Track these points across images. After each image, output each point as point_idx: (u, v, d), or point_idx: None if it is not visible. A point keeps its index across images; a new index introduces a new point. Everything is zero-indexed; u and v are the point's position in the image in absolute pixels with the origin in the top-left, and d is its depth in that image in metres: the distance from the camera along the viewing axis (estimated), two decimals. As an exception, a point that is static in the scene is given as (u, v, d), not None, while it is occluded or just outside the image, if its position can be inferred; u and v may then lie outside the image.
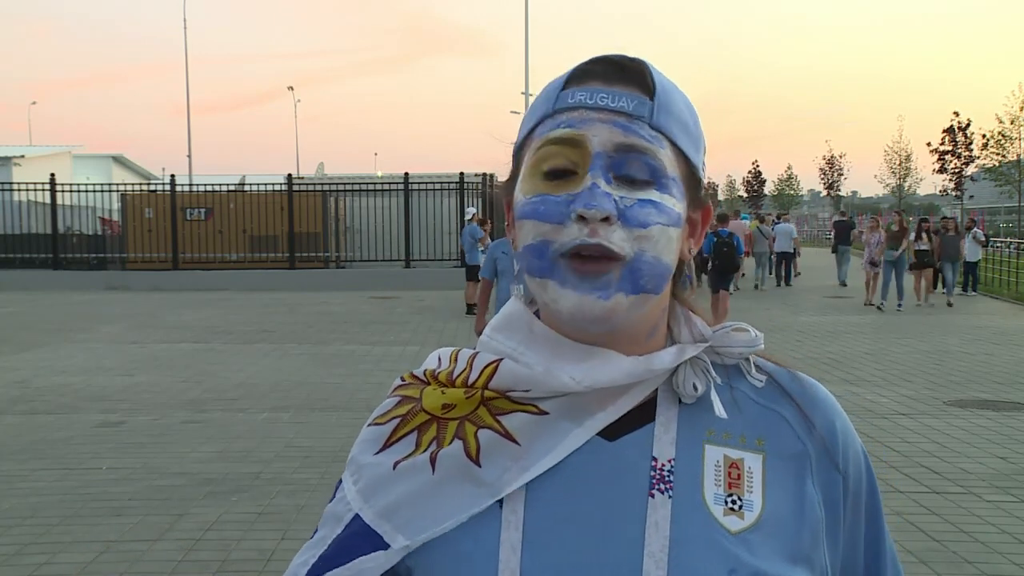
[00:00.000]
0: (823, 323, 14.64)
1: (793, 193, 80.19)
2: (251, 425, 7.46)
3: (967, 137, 47.37)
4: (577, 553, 0.80)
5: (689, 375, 0.86)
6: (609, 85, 0.84)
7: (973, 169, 47.14)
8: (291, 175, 23.75)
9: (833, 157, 67.99)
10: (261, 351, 11.58)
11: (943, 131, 48.21)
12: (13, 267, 22.68)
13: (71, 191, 23.87)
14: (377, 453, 0.89)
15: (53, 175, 23.37)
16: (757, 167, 79.86)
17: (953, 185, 48.42)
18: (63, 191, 23.47)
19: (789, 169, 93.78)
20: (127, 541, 4.80)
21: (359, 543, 0.86)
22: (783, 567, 0.81)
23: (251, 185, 24.42)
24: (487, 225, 16.28)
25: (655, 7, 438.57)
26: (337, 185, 23.99)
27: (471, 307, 15.03)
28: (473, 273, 14.62)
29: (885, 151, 75.31)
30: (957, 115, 48.16)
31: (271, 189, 23.18)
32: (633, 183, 0.82)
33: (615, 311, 0.81)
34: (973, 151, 46.67)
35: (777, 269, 22.83)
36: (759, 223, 24.17)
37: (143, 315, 16.04)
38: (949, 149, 47.84)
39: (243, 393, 8.82)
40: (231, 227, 22.63)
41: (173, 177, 23.40)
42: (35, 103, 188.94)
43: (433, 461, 0.85)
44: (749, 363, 0.89)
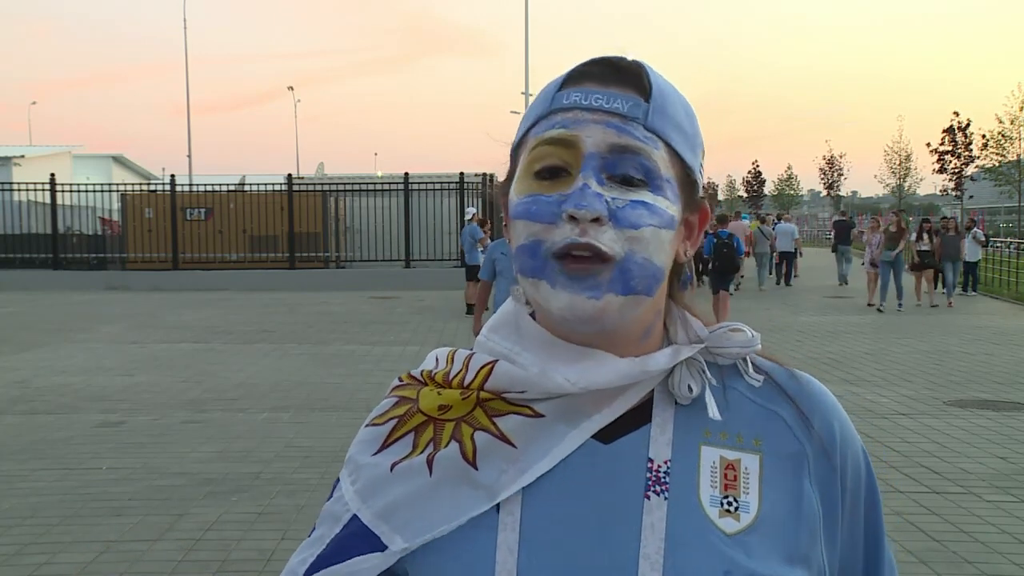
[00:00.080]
0: (823, 323, 14.64)
1: (793, 193, 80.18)
2: (251, 425, 7.46)
3: (967, 137, 47.37)
4: (573, 555, 0.80)
5: (685, 376, 0.85)
6: (605, 86, 0.84)
7: (973, 169, 47.14)
8: (291, 175, 23.76)
9: (833, 157, 68.11)
10: (261, 351, 11.58)
11: (943, 131, 48.24)
12: (13, 267, 22.68)
13: (71, 191, 23.87)
14: (375, 454, 0.89)
15: (53, 175, 23.38)
16: (757, 167, 79.97)
17: (953, 185, 48.41)
18: (63, 191, 23.47)
19: (789, 169, 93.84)
20: (127, 541, 4.80)
21: (357, 543, 0.86)
22: (780, 568, 0.81)
23: (251, 185, 24.42)
24: (487, 225, 16.29)
25: (655, 7, 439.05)
26: (337, 185, 23.99)
27: (471, 307, 15.02)
28: (473, 273, 14.62)
29: (885, 151, 75.41)
30: (957, 115, 48.22)
31: (271, 189, 23.18)
32: (626, 184, 0.82)
33: (606, 311, 0.81)
34: (973, 151, 46.68)
35: (778, 268, 22.85)
36: (760, 223, 24.19)
37: (143, 315, 16.04)
38: (949, 149, 47.84)
39: (243, 393, 8.82)
40: (231, 227, 22.64)
41: (173, 177, 23.40)
42: (35, 103, 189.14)
43: (430, 463, 0.85)
44: (746, 363, 0.89)
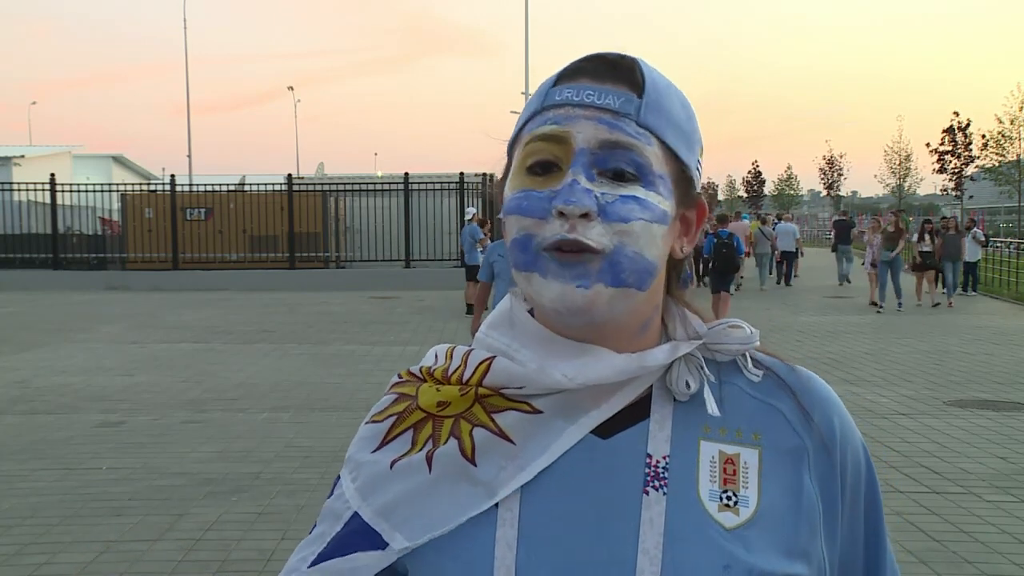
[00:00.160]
0: (823, 323, 14.64)
1: (793, 193, 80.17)
2: (251, 425, 7.46)
3: (967, 137, 47.36)
4: (572, 550, 0.80)
5: (683, 372, 0.86)
6: (599, 82, 0.84)
7: (973, 169, 47.13)
8: (291, 175, 23.76)
9: (833, 157, 68.09)
10: (261, 351, 11.58)
11: (943, 131, 48.22)
12: (13, 267, 22.68)
13: (71, 191, 23.87)
14: (374, 451, 0.90)
15: (53, 175, 23.37)
16: (757, 167, 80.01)
17: (953, 185, 48.40)
18: (63, 191, 23.47)
19: (789, 169, 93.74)
20: (127, 541, 4.80)
21: (358, 541, 0.86)
22: (779, 562, 0.81)
23: (251, 185, 24.42)
24: (487, 225, 16.28)
25: (655, 7, 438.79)
26: (337, 185, 24.00)
27: (471, 307, 15.02)
28: (473, 273, 14.60)
29: (885, 151, 75.54)
30: (957, 115, 48.19)
31: (271, 189, 23.18)
32: (617, 179, 0.82)
33: (595, 302, 0.81)
34: (973, 151, 46.67)
35: (779, 268, 22.86)
36: (760, 224, 24.20)
37: (143, 315, 16.04)
38: (949, 149, 47.83)
39: (243, 393, 8.82)
40: (231, 227, 22.64)
41: (173, 177, 23.40)
42: (35, 103, 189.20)
43: (429, 460, 0.85)
44: (746, 358, 0.89)
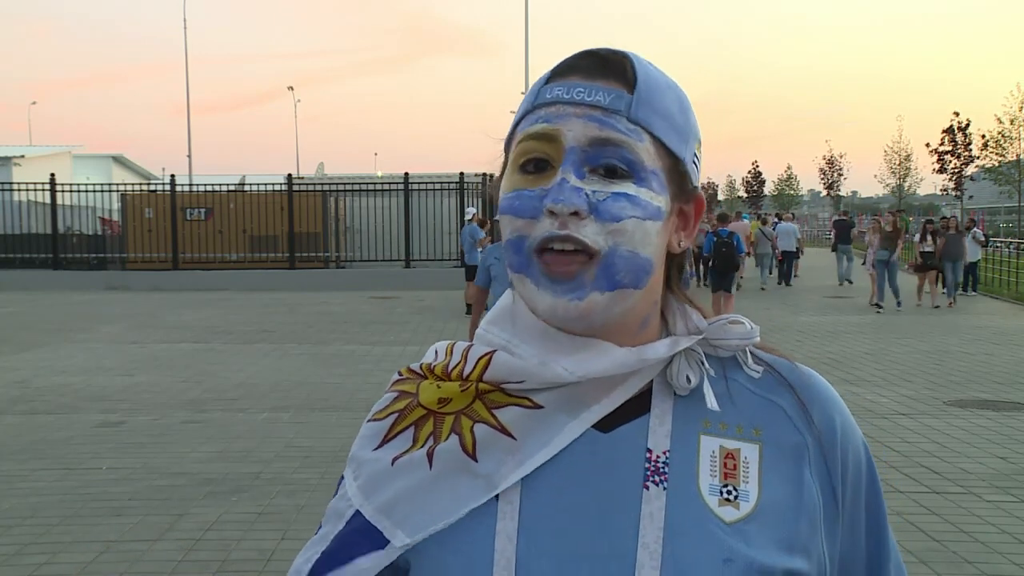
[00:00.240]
0: (823, 323, 14.64)
1: (793, 193, 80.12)
2: (251, 425, 7.46)
3: (967, 137, 47.33)
4: (572, 543, 0.81)
5: (683, 367, 0.86)
6: (590, 79, 0.84)
7: (973, 169, 47.10)
8: (291, 175, 23.76)
9: (833, 157, 67.93)
10: (261, 351, 11.58)
11: (943, 131, 48.18)
12: (13, 267, 22.68)
13: (71, 191, 23.87)
14: (376, 449, 0.90)
15: (53, 175, 23.37)
16: (757, 167, 79.84)
17: (953, 185, 48.39)
18: (63, 191, 23.47)
19: (789, 169, 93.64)
20: (127, 541, 4.80)
21: (359, 539, 0.87)
22: (779, 556, 0.81)
23: (251, 185, 24.43)
24: (487, 225, 16.28)
25: (655, 7, 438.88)
26: (337, 185, 24.00)
27: (471, 307, 15.01)
28: (473, 273, 14.56)
29: (885, 151, 75.46)
30: (957, 115, 48.12)
31: (271, 189, 23.18)
32: (609, 176, 0.82)
33: (591, 310, 0.81)
34: (973, 151, 46.65)
35: (779, 268, 22.87)
36: (761, 224, 24.21)
37: (143, 315, 16.04)
38: (949, 149, 47.80)
39: (243, 393, 8.82)
40: (231, 227, 22.64)
41: (173, 177, 23.40)
42: (35, 103, 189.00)
43: (430, 456, 0.86)
44: (746, 354, 0.89)
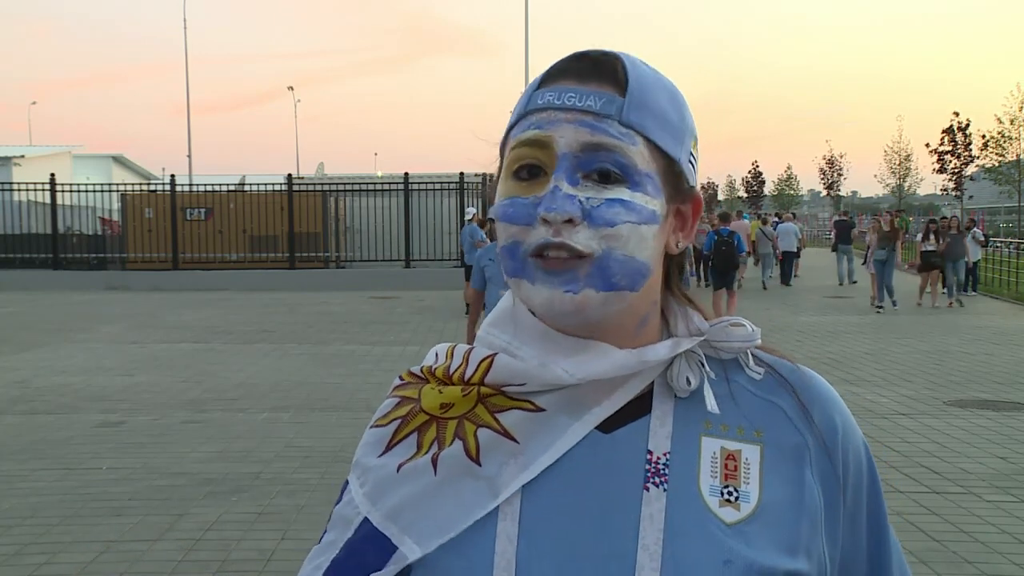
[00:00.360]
0: (823, 323, 14.64)
1: (793, 193, 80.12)
2: (251, 425, 7.46)
3: (967, 137, 47.31)
4: (572, 544, 0.81)
5: (683, 369, 0.86)
6: (582, 83, 0.83)
7: (973, 169, 47.10)
8: (291, 175, 23.77)
9: (833, 157, 67.91)
10: (261, 351, 11.58)
11: (943, 131, 48.15)
12: (13, 267, 22.67)
13: (71, 191, 23.87)
14: (380, 455, 0.90)
15: (53, 175, 23.37)
16: (757, 167, 79.86)
17: (953, 185, 48.38)
18: (63, 191, 23.47)
19: (789, 169, 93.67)
20: (127, 541, 4.80)
21: (368, 547, 0.87)
22: (779, 557, 0.81)
23: (251, 185, 24.43)
24: (487, 225, 16.27)
25: (655, 7, 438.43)
26: (337, 185, 24.01)
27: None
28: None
29: (885, 151, 75.45)
30: (957, 115, 48.10)
31: (271, 189, 23.19)
32: (603, 181, 0.82)
33: (585, 305, 0.81)
34: (973, 151, 46.64)
35: (781, 267, 22.88)
36: (761, 224, 24.23)
37: (143, 315, 16.04)
38: (949, 149, 47.78)
39: (243, 393, 8.82)
40: (231, 227, 22.64)
41: (173, 177, 23.41)
42: (35, 103, 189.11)
43: (435, 462, 0.86)
44: (748, 356, 0.89)
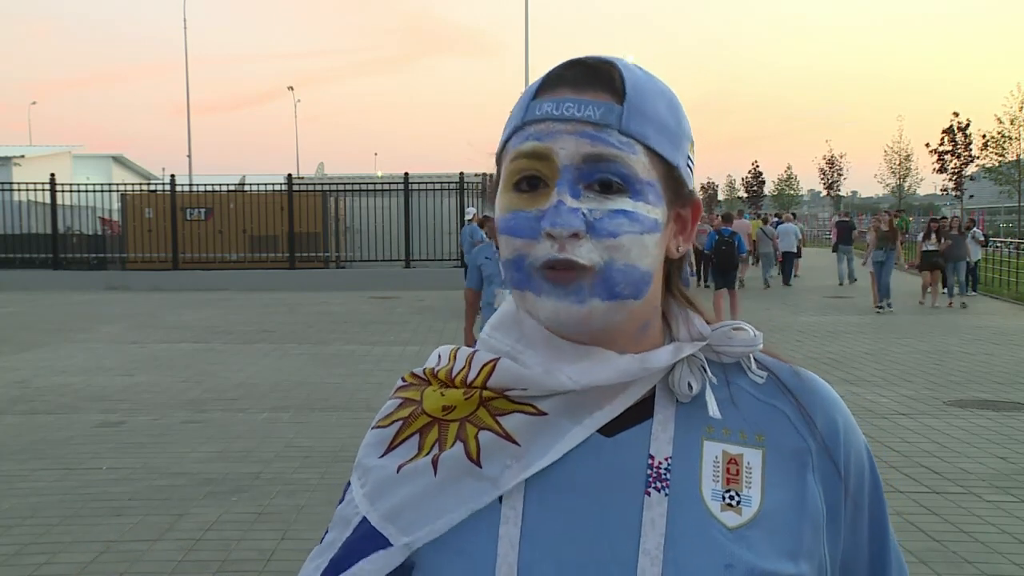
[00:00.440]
0: (823, 323, 14.64)
1: (793, 193, 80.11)
2: (251, 425, 7.46)
3: (967, 137, 47.29)
4: (574, 549, 0.81)
5: (685, 374, 0.86)
6: (579, 91, 0.83)
7: (973, 169, 47.07)
8: (291, 175, 23.76)
9: (833, 157, 67.82)
10: (261, 351, 11.58)
11: (943, 131, 48.12)
12: (13, 267, 22.67)
13: (71, 191, 23.87)
14: (382, 456, 0.90)
15: (53, 175, 23.36)
16: (757, 167, 79.76)
17: (953, 185, 48.37)
18: (63, 191, 23.46)
19: (789, 169, 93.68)
20: (127, 541, 4.80)
21: (366, 546, 0.87)
22: (781, 562, 0.81)
23: (251, 185, 24.43)
24: (486, 226, 16.27)
25: (655, 7, 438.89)
26: (337, 185, 24.01)
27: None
28: (473, 273, 14.58)
29: (885, 151, 75.36)
30: (957, 115, 48.06)
31: (271, 189, 23.18)
32: (604, 192, 0.81)
33: (591, 316, 0.81)
34: (973, 151, 46.62)
35: (781, 267, 22.90)
36: (762, 224, 24.25)
37: (143, 315, 16.04)
38: (949, 149, 47.75)
39: (243, 393, 8.82)
40: (231, 227, 22.64)
41: (173, 177, 23.40)
42: (35, 103, 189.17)
43: (435, 464, 0.86)
44: (749, 360, 0.89)
